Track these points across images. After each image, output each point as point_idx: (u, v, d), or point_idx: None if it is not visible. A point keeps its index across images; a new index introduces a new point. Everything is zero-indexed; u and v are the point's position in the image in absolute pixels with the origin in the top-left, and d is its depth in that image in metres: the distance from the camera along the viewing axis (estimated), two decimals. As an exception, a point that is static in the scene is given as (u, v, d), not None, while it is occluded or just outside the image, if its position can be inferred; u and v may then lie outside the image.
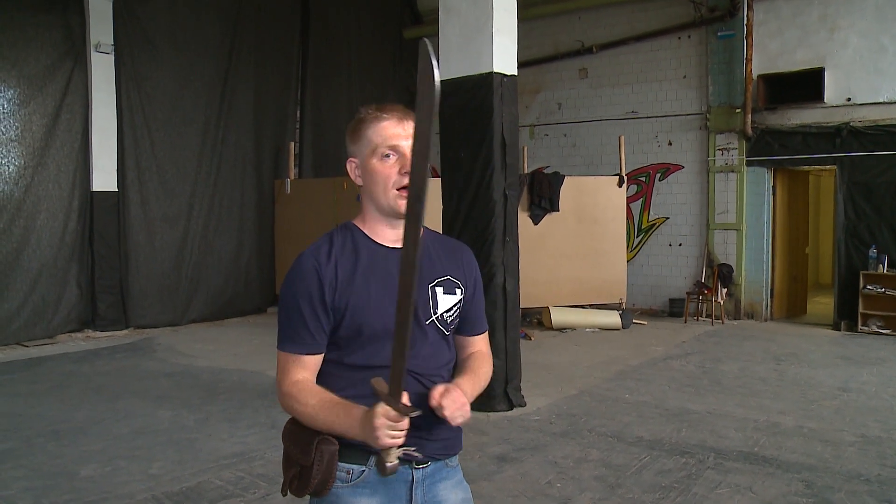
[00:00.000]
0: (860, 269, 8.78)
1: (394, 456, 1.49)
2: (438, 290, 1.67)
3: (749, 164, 9.71)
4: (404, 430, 1.43)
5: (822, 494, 3.82)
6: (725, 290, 9.67)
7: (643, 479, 4.06)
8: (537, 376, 6.44)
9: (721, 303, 9.61)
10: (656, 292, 10.54)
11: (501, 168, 5.46)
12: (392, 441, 1.43)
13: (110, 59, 8.71)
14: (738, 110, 9.60)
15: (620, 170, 9.71)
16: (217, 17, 9.78)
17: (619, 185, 9.58)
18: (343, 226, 1.71)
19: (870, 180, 8.82)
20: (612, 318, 9.21)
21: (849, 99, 8.94)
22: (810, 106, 9.18)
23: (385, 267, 1.62)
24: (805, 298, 10.77)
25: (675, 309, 10.11)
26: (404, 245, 1.34)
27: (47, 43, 8.23)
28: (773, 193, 9.75)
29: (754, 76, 9.43)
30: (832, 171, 9.44)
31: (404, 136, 1.59)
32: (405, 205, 1.55)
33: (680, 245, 10.40)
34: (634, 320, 9.56)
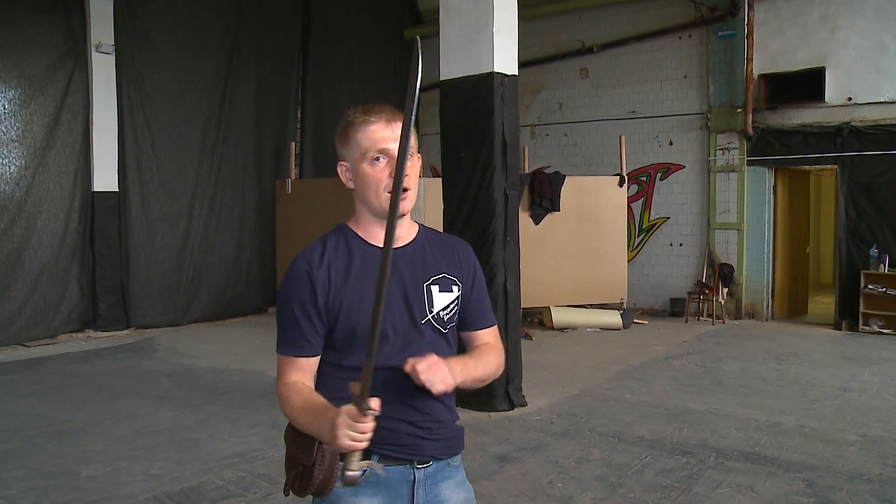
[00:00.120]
0: (861, 268, 8.78)
1: (355, 464, 1.45)
2: (434, 289, 1.67)
3: (750, 163, 9.70)
4: (366, 433, 1.40)
5: (824, 494, 3.82)
6: (726, 289, 9.67)
7: (644, 479, 4.06)
8: (538, 376, 6.44)
9: (722, 302, 9.60)
10: (657, 292, 10.54)
11: (502, 168, 5.46)
12: (350, 443, 1.39)
13: (111, 59, 8.71)
14: (739, 110, 9.59)
15: (621, 169, 9.71)
16: (218, 18, 9.78)
17: (620, 185, 9.58)
18: (337, 228, 1.71)
19: (871, 180, 8.81)
20: (613, 317, 9.21)
21: (850, 98, 8.94)
22: (811, 105, 9.18)
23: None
24: (806, 298, 10.77)
25: (676, 309, 10.11)
26: (384, 252, 1.39)
27: (48, 43, 8.24)
28: (774, 193, 9.75)
29: (755, 76, 9.43)
30: (833, 170, 9.44)
31: (393, 138, 1.59)
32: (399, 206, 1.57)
33: (681, 245, 10.39)
34: (635, 320, 9.56)
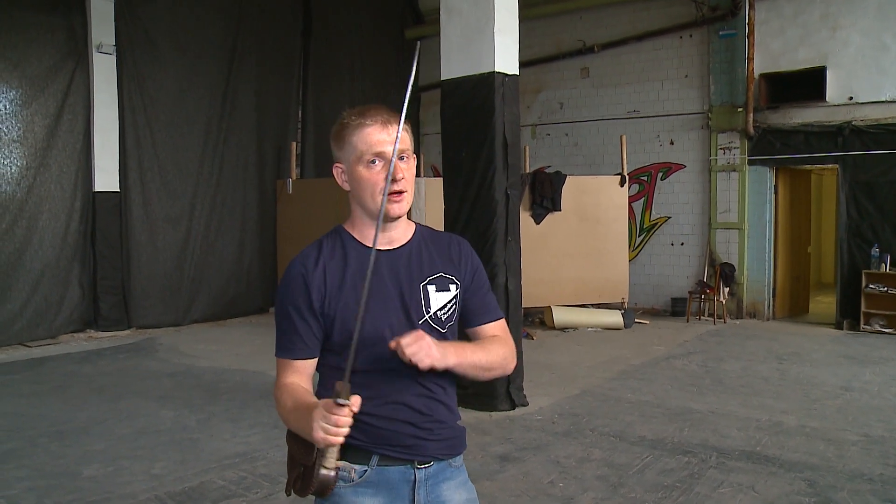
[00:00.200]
0: (862, 268, 8.77)
1: (330, 462, 1.43)
2: (431, 289, 1.67)
3: (751, 163, 9.69)
4: (340, 426, 1.38)
5: (825, 494, 3.81)
6: (727, 289, 9.66)
7: (645, 479, 4.06)
8: (539, 376, 6.44)
9: (723, 302, 9.59)
10: (658, 292, 10.53)
11: (503, 168, 5.46)
12: (324, 436, 1.38)
13: (112, 59, 8.72)
14: (740, 109, 9.58)
15: (622, 169, 9.70)
16: (218, 18, 9.78)
17: (621, 185, 9.58)
18: (333, 231, 1.72)
19: (872, 179, 8.80)
20: (615, 317, 9.21)
21: (851, 98, 8.93)
22: (812, 105, 9.17)
23: (375, 271, 1.63)
24: (807, 297, 10.76)
25: (678, 308, 10.10)
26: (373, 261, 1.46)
27: (49, 44, 8.24)
28: (775, 192, 9.74)
29: (756, 75, 9.42)
30: (834, 170, 9.42)
31: (389, 141, 1.60)
32: (394, 208, 1.59)
33: (682, 244, 10.39)
34: (636, 320, 9.55)
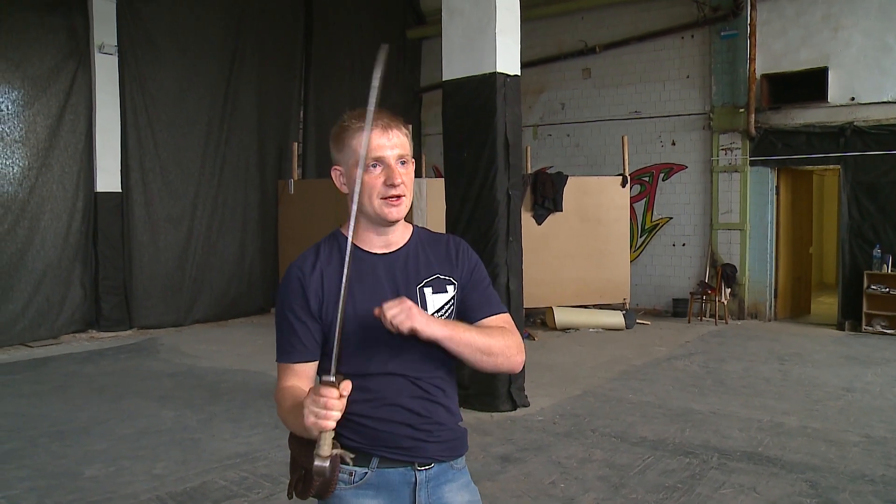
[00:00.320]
0: (864, 268, 8.77)
1: (325, 450, 1.39)
2: (427, 291, 1.66)
3: (752, 163, 9.68)
4: (330, 410, 1.36)
5: (827, 495, 3.81)
6: (729, 290, 9.65)
7: (647, 480, 4.06)
8: (541, 376, 6.43)
9: (725, 303, 9.59)
10: (660, 292, 10.53)
11: (505, 168, 5.46)
12: (315, 420, 1.36)
13: (114, 60, 8.73)
14: (742, 110, 9.58)
15: (624, 170, 9.69)
16: (220, 18, 9.79)
17: (623, 186, 9.57)
18: (331, 235, 1.72)
19: (874, 180, 8.79)
20: (616, 318, 9.20)
21: (853, 98, 8.92)
22: (814, 105, 9.16)
23: (373, 274, 1.63)
24: (809, 298, 10.76)
25: (679, 309, 10.09)
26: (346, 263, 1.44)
27: (51, 44, 8.25)
28: (777, 193, 9.73)
29: (758, 76, 9.42)
30: (836, 170, 9.41)
31: (388, 146, 1.59)
32: (392, 212, 1.59)
33: (683, 245, 10.38)
34: (638, 320, 9.54)
